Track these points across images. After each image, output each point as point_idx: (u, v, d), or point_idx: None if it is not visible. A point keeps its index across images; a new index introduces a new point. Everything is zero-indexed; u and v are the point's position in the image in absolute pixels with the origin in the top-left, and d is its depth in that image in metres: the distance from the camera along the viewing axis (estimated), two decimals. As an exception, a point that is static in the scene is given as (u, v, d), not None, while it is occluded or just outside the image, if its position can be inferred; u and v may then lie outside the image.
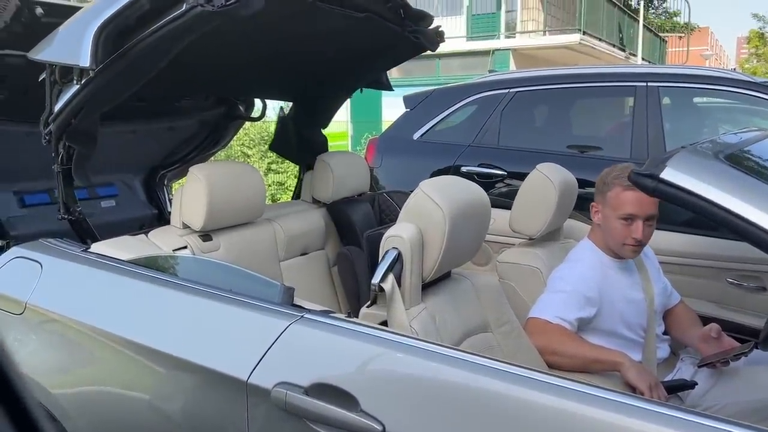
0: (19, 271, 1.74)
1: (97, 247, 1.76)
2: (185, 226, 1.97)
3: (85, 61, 1.50)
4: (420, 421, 1.18)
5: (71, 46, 1.54)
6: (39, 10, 1.90)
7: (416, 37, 2.32)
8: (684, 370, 1.99)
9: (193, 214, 1.92)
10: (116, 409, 1.56)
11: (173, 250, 1.86)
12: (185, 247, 1.91)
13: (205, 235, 1.98)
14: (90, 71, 1.53)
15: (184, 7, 1.47)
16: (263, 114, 3.17)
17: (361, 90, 2.86)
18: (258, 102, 3.03)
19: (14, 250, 1.79)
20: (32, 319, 1.69)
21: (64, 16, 1.74)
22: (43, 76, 1.69)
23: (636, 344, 1.95)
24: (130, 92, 1.74)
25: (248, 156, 9.85)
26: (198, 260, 1.76)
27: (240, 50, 2.06)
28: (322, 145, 2.86)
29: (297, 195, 2.85)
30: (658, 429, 1.02)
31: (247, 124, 3.58)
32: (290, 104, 2.88)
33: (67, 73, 1.63)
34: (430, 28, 2.37)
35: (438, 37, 2.43)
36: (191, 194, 1.92)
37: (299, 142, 2.80)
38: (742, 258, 2.47)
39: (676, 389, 1.83)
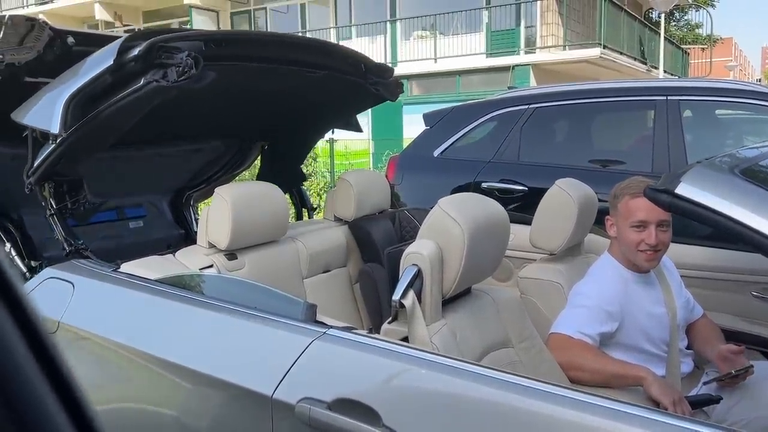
0: (51, 291, 1.80)
1: (126, 267, 1.81)
2: (211, 246, 2.02)
3: (55, 128, 1.69)
4: None
5: (45, 112, 1.73)
6: (70, 39, 1.98)
7: (377, 89, 2.52)
8: (709, 385, 1.97)
9: (218, 234, 1.97)
10: (144, 425, 1.60)
11: (200, 269, 1.91)
12: (211, 266, 1.96)
13: (231, 254, 2.03)
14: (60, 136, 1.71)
15: (142, 82, 1.66)
16: None
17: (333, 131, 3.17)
18: None
19: (47, 271, 1.85)
20: (65, 338, 1.74)
21: (95, 45, 1.82)
22: (26, 132, 1.87)
23: (659, 359, 1.94)
24: (105, 147, 1.99)
25: (271, 175, 9.93)
26: (223, 278, 1.81)
27: (207, 104, 2.29)
28: (299, 178, 3.18)
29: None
30: None
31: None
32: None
33: (44, 133, 1.79)
34: (391, 79, 2.57)
35: (398, 88, 2.65)
36: (217, 214, 1.97)
37: (280, 174, 3.01)
38: (766, 271, 2.44)
39: (701, 404, 1.81)
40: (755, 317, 2.43)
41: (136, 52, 1.65)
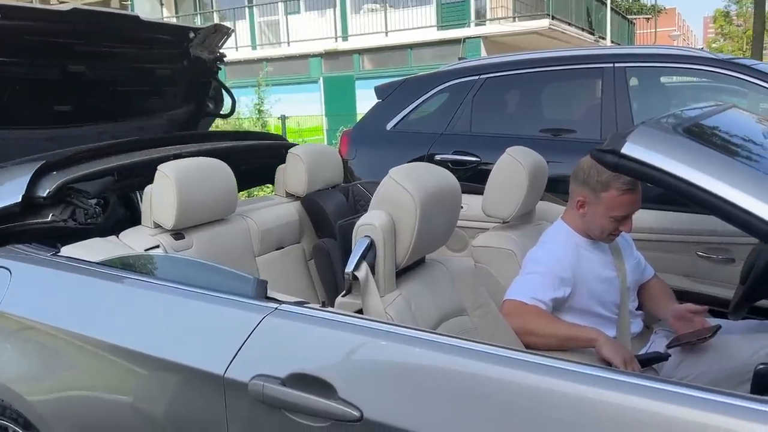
0: None
1: (66, 251, 1.74)
2: (156, 226, 1.95)
3: None
4: (398, 403, 1.19)
5: None
6: None
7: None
8: (657, 343, 2.03)
9: (163, 213, 1.91)
10: (94, 411, 1.55)
11: (145, 250, 1.85)
12: (157, 247, 1.90)
13: (177, 234, 1.97)
14: None
15: (49, 218, 1.80)
16: (233, 110, 3.16)
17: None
18: (227, 98, 3.04)
19: (-19, 258, 1.76)
20: (4, 327, 1.67)
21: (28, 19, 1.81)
22: None
23: (610, 321, 1.98)
24: None
25: (223, 154, 9.72)
26: (169, 258, 1.75)
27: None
28: None
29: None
30: (633, 400, 1.04)
31: (219, 120, 3.59)
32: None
33: None
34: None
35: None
36: (160, 193, 1.90)
37: None
38: (711, 231, 2.51)
39: (650, 362, 1.86)
40: (701, 276, 2.51)
41: (45, 192, 1.72)
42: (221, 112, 3.12)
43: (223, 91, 3.12)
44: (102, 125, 2.65)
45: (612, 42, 17.54)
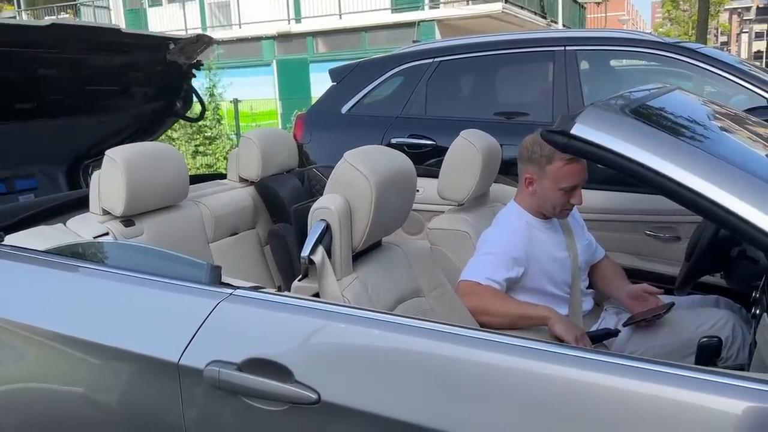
0: None
1: (11, 239, 1.68)
2: (105, 212, 1.90)
3: None
4: (355, 385, 1.19)
5: None
6: None
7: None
8: (608, 320, 2.09)
9: (112, 199, 1.86)
10: (45, 403, 1.51)
11: (94, 238, 1.80)
12: (107, 234, 1.84)
13: (127, 221, 1.92)
14: None
15: None
16: (201, 116, 3.15)
17: None
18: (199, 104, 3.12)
19: None
20: (-55, 319, 1.60)
21: None
22: None
23: (562, 300, 2.03)
24: None
25: (174, 139, 9.54)
26: (120, 245, 1.71)
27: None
28: None
29: None
30: (585, 374, 1.07)
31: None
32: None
33: None
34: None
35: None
36: (108, 178, 1.85)
37: None
38: (657, 210, 2.59)
39: (601, 338, 1.92)
40: (649, 255, 2.59)
41: None
42: (189, 115, 3.11)
43: (195, 97, 3.17)
44: (63, 119, 2.66)
45: (564, 26, 17.80)
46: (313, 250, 1.46)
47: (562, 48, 3.39)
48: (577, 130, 1.16)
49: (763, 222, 1.03)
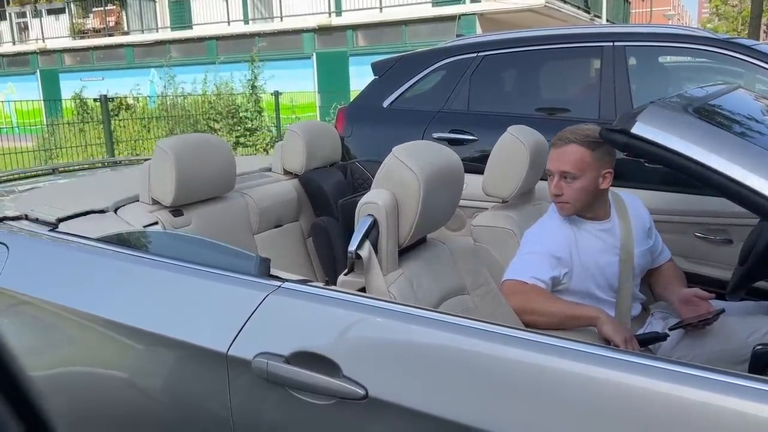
0: None
1: (65, 226, 1.72)
2: (155, 202, 1.93)
3: None
4: (402, 382, 1.19)
5: None
6: None
7: None
8: (654, 325, 2.04)
9: (162, 190, 1.89)
10: (95, 387, 1.55)
11: (143, 227, 1.83)
12: (156, 223, 1.88)
13: (176, 210, 1.95)
14: None
15: None
16: None
17: None
18: None
19: (-23, 234, 1.74)
20: (2, 303, 1.65)
21: None
22: None
23: (608, 304, 1.98)
24: None
25: (215, 130, 9.69)
26: (171, 235, 1.74)
27: None
28: None
29: None
30: (633, 378, 1.04)
31: (213, 96, 3.60)
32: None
33: None
34: None
35: None
36: (159, 169, 1.88)
37: None
38: (709, 212, 2.52)
39: (648, 342, 1.87)
40: (698, 257, 2.52)
41: None
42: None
43: None
44: None
45: (607, 21, 17.43)
46: (360, 245, 1.45)
47: (611, 43, 3.31)
48: (639, 129, 1.13)
49: None
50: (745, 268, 1.82)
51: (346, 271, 1.53)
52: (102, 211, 1.86)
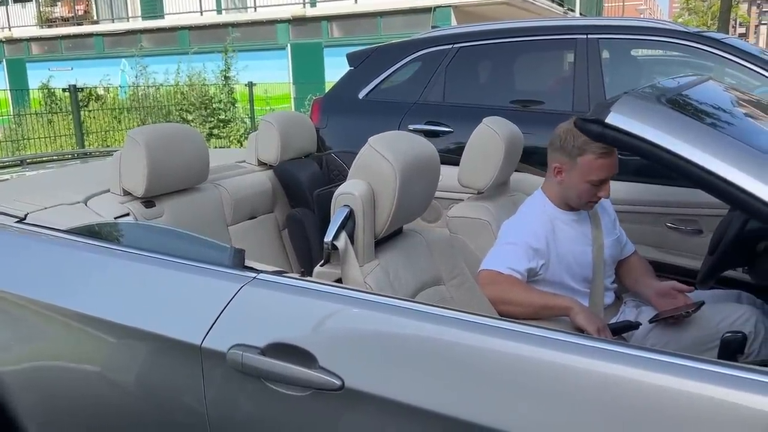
0: None
1: (33, 218, 1.68)
2: (126, 193, 1.90)
3: None
4: (379, 372, 1.19)
5: None
6: None
7: None
8: (627, 313, 2.07)
9: (133, 180, 1.85)
10: (66, 383, 1.52)
11: (114, 218, 1.80)
12: (127, 215, 1.84)
13: (148, 202, 1.91)
14: None
15: None
16: None
17: None
18: None
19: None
20: (-32, 296, 1.61)
21: None
22: None
23: (582, 294, 2.01)
24: None
25: (188, 121, 9.55)
26: (143, 226, 1.71)
27: None
28: None
29: None
30: (607, 366, 1.05)
31: (185, 87, 3.53)
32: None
33: None
34: None
35: None
36: (130, 159, 1.84)
37: None
38: (680, 203, 2.56)
39: (621, 330, 1.90)
40: (670, 247, 2.56)
41: None
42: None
43: None
44: None
45: (581, 14, 17.59)
46: (336, 236, 1.45)
47: (585, 36, 3.33)
48: (613, 119, 1.14)
49: None
50: (714, 257, 1.85)
51: (322, 262, 1.52)
52: (72, 204, 1.82)
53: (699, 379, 1.00)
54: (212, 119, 9.90)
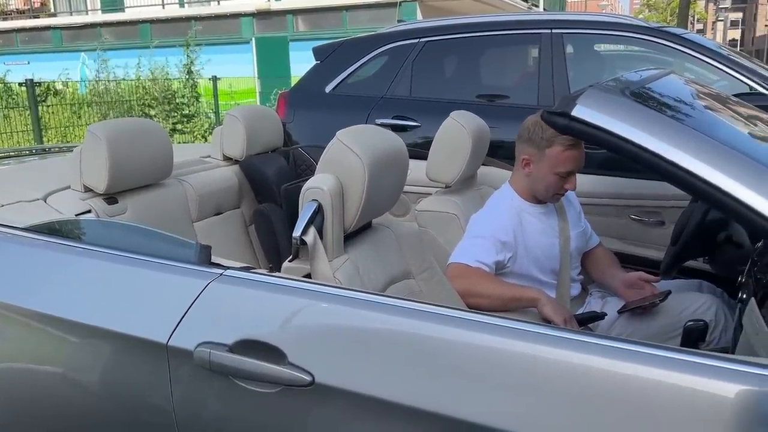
0: None
1: None
2: (87, 189, 1.85)
3: None
4: (349, 367, 1.18)
5: None
6: None
7: None
8: (593, 304, 2.10)
9: (94, 176, 1.81)
10: (27, 383, 1.47)
11: (76, 215, 1.75)
12: (89, 212, 1.80)
13: (110, 198, 1.87)
14: None
15: None
16: None
17: None
18: None
19: None
20: None
21: None
22: None
23: (549, 286, 2.03)
24: None
25: (151, 116, 9.37)
26: (105, 223, 1.67)
27: None
28: None
29: None
30: (574, 355, 1.07)
31: (148, 81, 3.45)
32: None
33: None
34: None
35: None
36: (91, 154, 1.80)
37: None
38: (643, 195, 2.61)
39: (587, 321, 1.93)
40: (634, 239, 2.61)
41: None
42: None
43: None
44: None
45: (544, 9, 17.80)
46: (304, 231, 1.43)
47: (549, 31, 3.37)
48: (579, 111, 1.15)
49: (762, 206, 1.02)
50: (677, 247, 1.90)
51: (290, 257, 1.51)
52: (31, 201, 1.77)
53: (663, 366, 1.02)
54: (176, 114, 9.73)
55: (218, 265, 1.36)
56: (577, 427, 1.04)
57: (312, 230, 1.43)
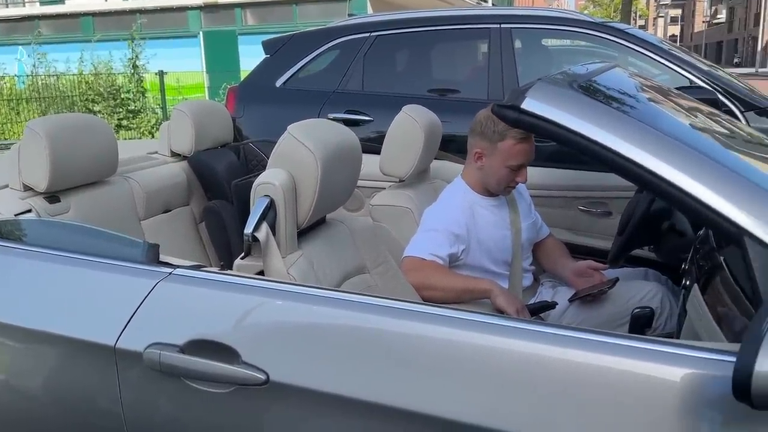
0: None
1: None
2: (27, 188, 1.78)
3: None
4: (305, 364, 1.17)
5: None
6: None
7: None
8: (544, 294, 2.14)
9: (34, 174, 1.74)
10: None
11: (15, 215, 1.68)
12: (29, 211, 1.73)
13: (52, 197, 1.80)
14: None
15: None
16: None
17: None
18: None
19: None
20: None
21: None
22: None
23: (502, 277, 2.06)
24: None
25: (95, 112, 9.07)
26: (47, 223, 1.60)
27: None
28: None
29: None
30: (527, 345, 1.08)
31: (91, 76, 3.34)
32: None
33: None
34: None
35: None
36: (31, 152, 1.72)
37: None
38: (590, 186, 2.67)
39: (539, 310, 1.97)
40: (582, 229, 2.67)
41: None
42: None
43: None
44: None
45: (493, 4, 18.03)
46: (256, 227, 1.40)
47: (498, 25, 3.41)
48: (528, 104, 1.16)
49: (724, 207, 1.05)
50: (623, 237, 1.95)
51: (242, 254, 1.48)
52: None
53: (613, 353, 1.04)
54: (121, 110, 9.46)
55: (167, 264, 1.32)
56: (532, 415, 1.05)
57: (264, 226, 1.41)
